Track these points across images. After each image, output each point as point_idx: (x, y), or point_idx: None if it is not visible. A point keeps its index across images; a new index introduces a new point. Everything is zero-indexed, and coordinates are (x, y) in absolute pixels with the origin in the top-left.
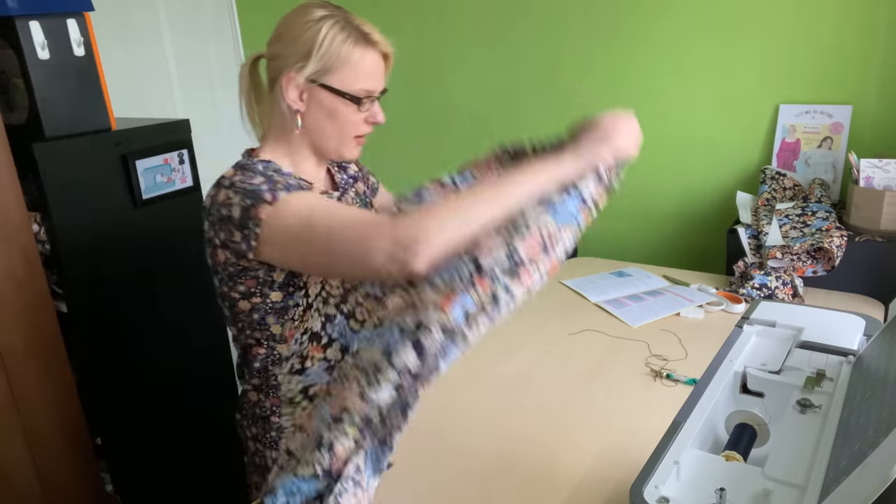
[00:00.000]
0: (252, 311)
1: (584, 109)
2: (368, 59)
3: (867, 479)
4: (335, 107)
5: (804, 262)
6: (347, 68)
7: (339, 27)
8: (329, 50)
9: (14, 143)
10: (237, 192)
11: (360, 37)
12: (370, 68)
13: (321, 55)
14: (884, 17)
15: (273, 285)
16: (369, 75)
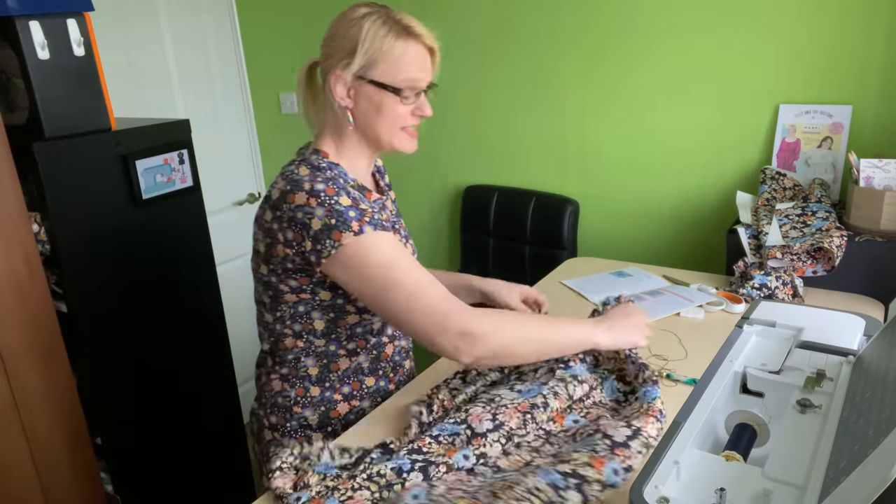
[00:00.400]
0: (298, 303)
1: (584, 109)
2: (411, 51)
3: (867, 479)
4: (381, 100)
5: (804, 262)
6: (390, 61)
7: (381, 22)
8: (372, 45)
9: (14, 143)
10: (322, 204)
11: (401, 30)
12: (413, 60)
13: (365, 50)
14: (884, 18)
15: (325, 285)
16: (412, 67)
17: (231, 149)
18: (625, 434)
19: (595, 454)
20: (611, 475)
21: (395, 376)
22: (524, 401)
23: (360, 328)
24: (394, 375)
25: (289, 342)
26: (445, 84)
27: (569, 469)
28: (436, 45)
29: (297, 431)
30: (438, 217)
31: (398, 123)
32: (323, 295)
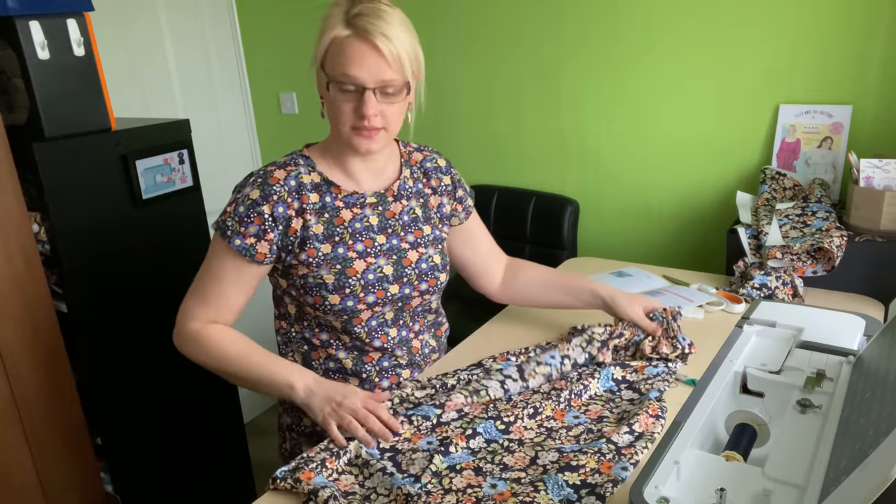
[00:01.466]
0: (275, 288)
1: (584, 109)
2: (351, 45)
3: (867, 479)
4: (332, 94)
5: (804, 262)
6: (334, 52)
7: (339, 10)
8: (323, 34)
9: (14, 143)
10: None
11: (349, 21)
12: (350, 54)
13: (320, 40)
14: (884, 17)
15: (276, 272)
16: (349, 62)
17: (231, 149)
18: (629, 439)
19: (603, 458)
20: (620, 472)
21: (380, 381)
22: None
23: (323, 319)
24: (379, 380)
25: (276, 324)
26: (446, 84)
27: (578, 480)
28: (383, 46)
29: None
30: None
31: (345, 121)
32: (281, 281)
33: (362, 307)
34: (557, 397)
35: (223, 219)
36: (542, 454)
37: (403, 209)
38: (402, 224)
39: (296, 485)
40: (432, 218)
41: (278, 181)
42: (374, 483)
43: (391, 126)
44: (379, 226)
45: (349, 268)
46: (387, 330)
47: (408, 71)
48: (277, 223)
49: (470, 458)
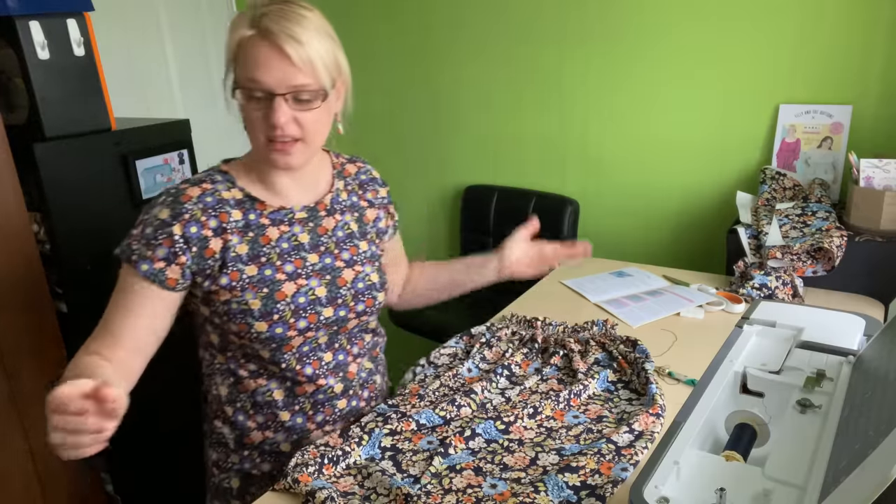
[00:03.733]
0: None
1: (584, 109)
2: (255, 45)
3: (867, 479)
4: (239, 100)
5: (804, 262)
6: (240, 55)
7: (249, 10)
8: (229, 35)
9: (14, 143)
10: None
11: (253, 20)
12: (256, 56)
13: (227, 42)
14: (884, 17)
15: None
16: (255, 64)
17: (231, 149)
18: (628, 439)
19: (602, 459)
20: (620, 473)
21: (314, 414)
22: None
23: (249, 348)
24: (313, 413)
25: (199, 355)
26: (446, 84)
27: (578, 481)
28: (290, 49)
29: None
30: (438, 217)
31: (258, 132)
32: (202, 309)
33: (293, 333)
34: (557, 397)
35: (128, 243)
36: (542, 455)
37: (337, 224)
38: (336, 241)
39: (294, 485)
40: (368, 233)
41: (191, 199)
42: (374, 483)
43: (310, 136)
44: (310, 243)
45: (277, 291)
46: (320, 355)
47: (322, 76)
48: (190, 245)
49: (470, 458)
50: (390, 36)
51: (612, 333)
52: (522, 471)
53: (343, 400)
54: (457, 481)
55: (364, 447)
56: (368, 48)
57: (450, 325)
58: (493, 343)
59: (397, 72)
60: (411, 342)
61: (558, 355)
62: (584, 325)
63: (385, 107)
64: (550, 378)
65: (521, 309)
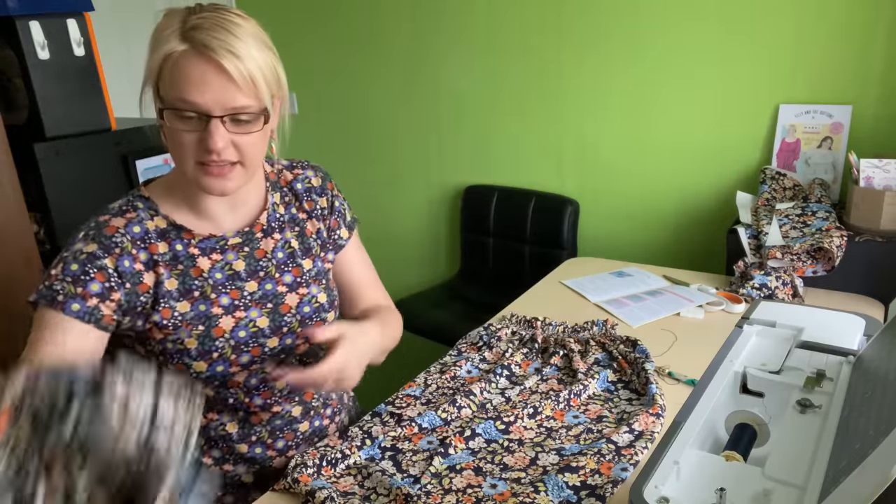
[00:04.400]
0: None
1: (584, 109)
2: (189, 62)
3: (867, 479)
4: (166, 122)
5: (804, 262)
6: (167, 70)
7: (175, 18)
8: (154, 47)
9: (14, 143)
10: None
11: (184, 32)
12: (190, 73)
13: (150, 54)
14: (884, 17)
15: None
16: (189, 83)
17: None
18: (628, 439)
19: (602, 459)
20: (620, 473)
21: (274, 442)
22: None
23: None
24: (272, 441)
25: None
26: (446, 85)
27: (578, 481)
28: (231, 65)
29: None
30: (438, 217)
31: (187, 156)
32: (138, 348)
33: (236, 369)
34: (557, 397)
35: (48, 285)
36: (542, 455)
37: (276, 245)
38: (276, 263)
39: (294, 485)
40: (312, 248)
41: (117, 230)
42: (374, 483)
43: (248, 160)
44: (247, 270)
45: (214, 327)
46: (270, 384)
47: (264, 95)
48: (124, 280)
49: (470, 458)
50: (390, 36)
51: (612, 333)
52: (522, 471)
53: (304, 423)
54: (457, 481)
55: (364, 450)
56: (368, 48)
57: (449, 325)
58: (492, 343)
59: (397, 72)
60: (412, 342)
61: (558, 355)
62: (584, 325)
63: (385, 107)
64: (550, 378)
65: (521, 309)
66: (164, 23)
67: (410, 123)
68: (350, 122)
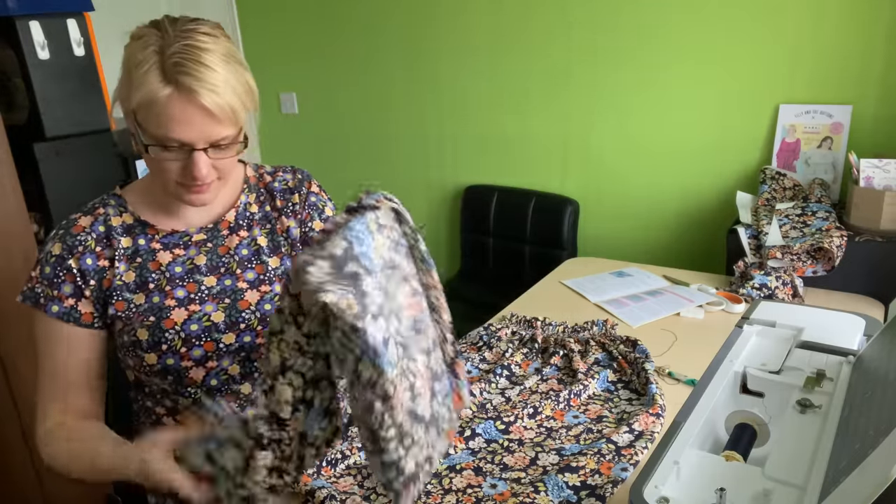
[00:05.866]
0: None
1: (584, 109)
2: (174, 104)
3: (867, 479)
4: (148, 152)
5: (804, 262)
6: (151, 108)
7: (150, 51)
8: (134, 83)
9: (14, 143)
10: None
11: (164, 70)
12: (174, 114)
13: (128, 84)
14: (884, 18)
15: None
16: (174, 123)
17: None
18: (628, 439)
19: (602, 459)
20: (620, 473)
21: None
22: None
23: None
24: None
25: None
26: (448, 85)
27: (578, 481)
28: (211, 104)
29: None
30: (438, 217)
31: (170, 178)
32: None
33: (188, 364)
34: (557, 397)
35: (30, 287)
36: (542, 455)
37: (242, 241)
38: (239, 260)
39: (294, 485)
40: (281, 246)
41: (83, 229)
42: (374, 483)
43: (226, 174)
44: (208, 265)
45: (165, 319)
46: (235, 388)
47: (242, 118)
48: (89, 278)
49: (470, 458)
50: (390, 35)
51: (612, 333)
52: (522, 471)
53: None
54: (457, 481)
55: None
56: (368, 47)
57: None
58: (492, 343)
59: (398, 72)
60: None
61: (558, 355)
62: (584, 325)
63: (385, 107)
64: (550, 378)
65: (521, 309)
66: (140, 54)
67: (410, 123)
68: (350, 122)
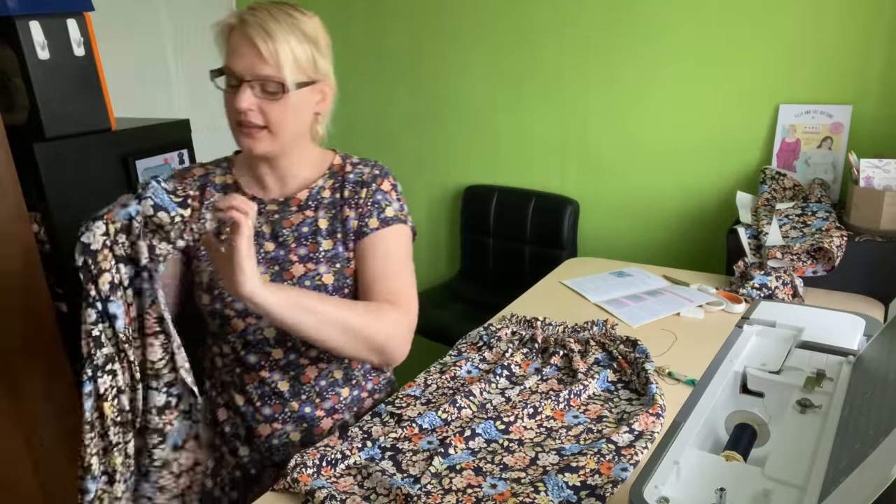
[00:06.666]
0: None
1: (584, 109)
2: (232, 34)
3: (867, 479)
4: (223, 89)
5: (804, 262)
6: (222, 42)
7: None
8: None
9: (14, 143)
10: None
11: (240, 13)
12: (232, 43)
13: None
14: (884, 17)
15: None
16: (230, 51)
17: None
18: (628, 439)
19: (602, 459)
20: (620, 473)
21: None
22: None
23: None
24: (261, 405)
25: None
26: (447, 84)
27: (578, 481)
28: (259, 39)
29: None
30: (438, 217)
31: (231, 116)
32: None
33: (231, 313)
34: (557, 397)
35: None
36: (542, 455)
37: (305, 220)
38: (298, 236)
39: (294, 485)
40: (337, 232)
41: (193, 176)
42: (374, 483)
43: (276, 127)
44: (271, 234)
45: None
46: (267, 349)
47: (286, 71)
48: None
49: (470, 458)
50: (390, 35)
51: (612, 333)
52: (522, 471)
53: (346, 388)
54: (457, 481)
55: (364, 451)
56: (368, 48)
57: (449, 325)
58: (492, 343)
59: (398, 71)
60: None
61: (558, 355)
62: (584, 325)
63: (384, 106)
64: (550, 378)
65: (521, 309)
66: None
67: (410, 123)
68: (350, 122)
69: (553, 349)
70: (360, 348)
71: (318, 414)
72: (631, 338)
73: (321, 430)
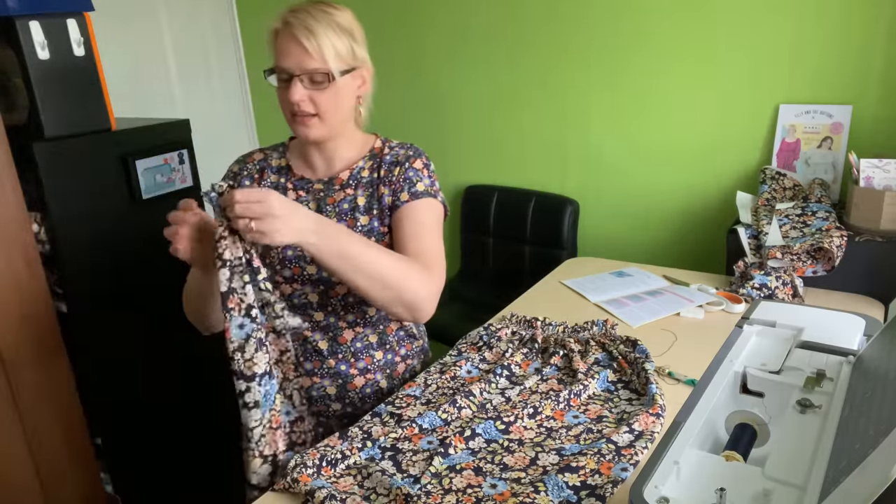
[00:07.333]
0: None
1: (584, 109)
2: (280, 36)
3: (867, 479)
4: (276, 86)
5: (804, 262)
6: (272, 42)
7: (286, 9)
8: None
9: (14, 143)
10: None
11: (283, 15)
12: (280, 45)
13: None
14: (884, 17)
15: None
16: (279, 52)
17: (231, 149)
18: (628, 439)
19: (602, 459)
20: (620, 473)
21: (305, 361)
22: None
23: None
24: (304, 360)
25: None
26: (447, 84)
27: (578, 481)
28: (304, 38)
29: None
30: None
31: (286, 110)
32: None
33: (280, 279)
34: (557, 397)
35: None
36: (542, 455)
37: (346, 197)
38: (339, 212)
39: (294, 485)
40: (373, 209)
41: (253, 160)
42: (374, 483)
43: (325, 114)
44: (316, 209)
45: None
46: (311, 312)
47: (331, 62)
48: None
49: (470, 458)
50: (391, 35)
51: (612, 333)
52: (522, 471)
53: (380, 352)
54: (457, 481)
55: (364, 451)
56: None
57: (449, 325)
58: (492, 343)
59: (398, 71)
60: None
61: (558, 355)
62: (584, 325)
63: (385, 106)
64: (550, 378)
65: (521, 309)
66: (284, 9)
67: (410, 123)
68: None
69: (553, 349)
70: (390, 298)
71: (353, 372)
72: (631, 338)
73: (354, 386)
